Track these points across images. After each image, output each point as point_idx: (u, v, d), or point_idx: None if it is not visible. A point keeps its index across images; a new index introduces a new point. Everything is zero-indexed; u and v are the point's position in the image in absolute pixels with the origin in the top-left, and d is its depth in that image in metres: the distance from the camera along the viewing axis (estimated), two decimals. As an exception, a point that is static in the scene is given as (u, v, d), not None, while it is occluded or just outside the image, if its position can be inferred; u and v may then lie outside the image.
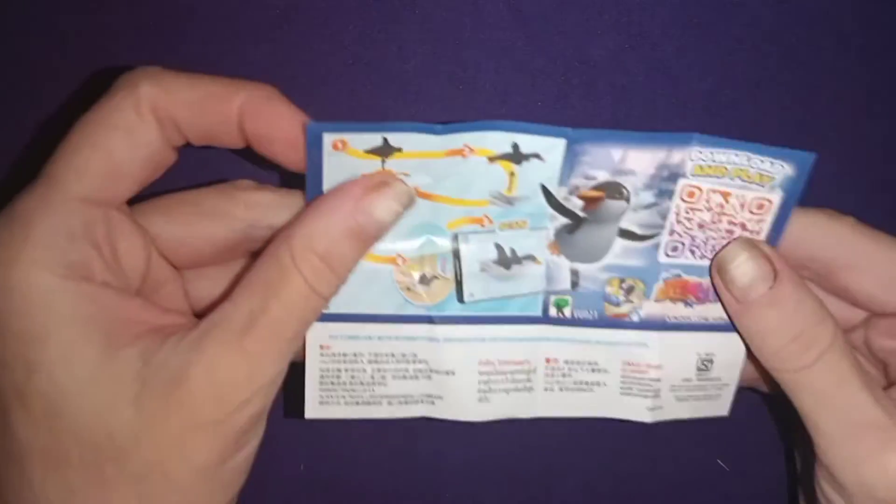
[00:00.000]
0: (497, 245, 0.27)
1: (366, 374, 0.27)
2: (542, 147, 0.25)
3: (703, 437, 0.36)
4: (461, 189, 0.26)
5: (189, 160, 0.26)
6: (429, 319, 0.27)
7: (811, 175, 0.25)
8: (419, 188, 0.26)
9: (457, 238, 0.27)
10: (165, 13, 0.32)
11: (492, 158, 0.25)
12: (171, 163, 0.26)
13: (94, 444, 0.22)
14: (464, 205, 0.26)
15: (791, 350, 0.25)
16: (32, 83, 0.33)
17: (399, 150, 0.25)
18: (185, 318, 0.26)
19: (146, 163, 0.25)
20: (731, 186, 0.26)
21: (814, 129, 0.33)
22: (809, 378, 0.25)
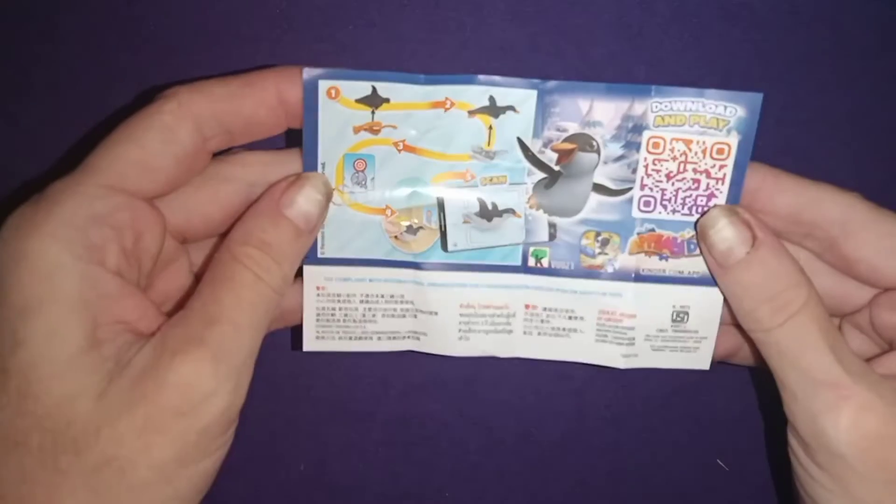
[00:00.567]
0: (479, 199, 0.29)
1: (357, 313, 0.30)
2: (516, 99, 0.28)
3: (703, 437, 0.36)
4: (444, 143, 0.28)
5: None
6: (415, 265, 0.30)
7: (761, 115, 0.27)
8: (406, 141, 0.28)
9: (441, 191, 0.29)
10: (165, 13, 0.33)
11: (471, 112, 0.28)
12: (206, 165, 0.27)
13: (54, 432, 0.23)
14: (447, 159, 0.29)
15: (763, 311, 0.27)
16: (34, 82, 0.33)
17: (387, 101, 0.27)
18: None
19: (179, 161, 0.26)
20: (691, 133, 0.28)
21: (814, 129, 0.33)
22: (777, 338, 0.27)
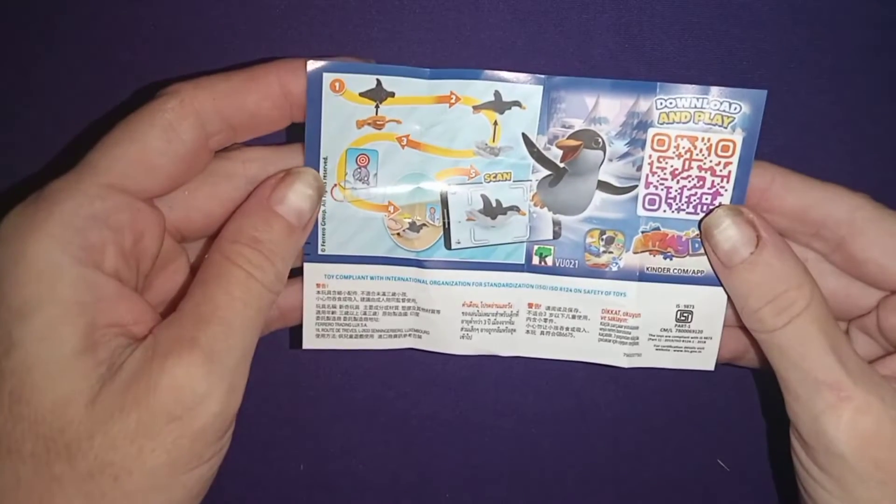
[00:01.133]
0: (483, 196, 0.29)
1: (358, 311, 0.30)
2: (522, 94, 0.28)
3: (703, 437, 0.36)
4: (449, 138, 0.28)
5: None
6: (418, 263, 0.29)
7: (765, 113, 0.27)
8: (410, 136, 0.28)
9: (445, 188, 0.29)
10: (165, 13, 0.33)
11: (476, 107, 0.28)
12: (208, 162, 0.27)
13: (47, 438, 0.22)
14: (451, 155, 0.28)
15: (766, 312, 0.27)
16: (33, 83, 0.33)
17: (391, 95, 0.27)
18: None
19: (181, 159, 0.25)
20: (696, 130, 0.28)
21: (814, 129, 0.33)
22: (780, 339, 0.27)
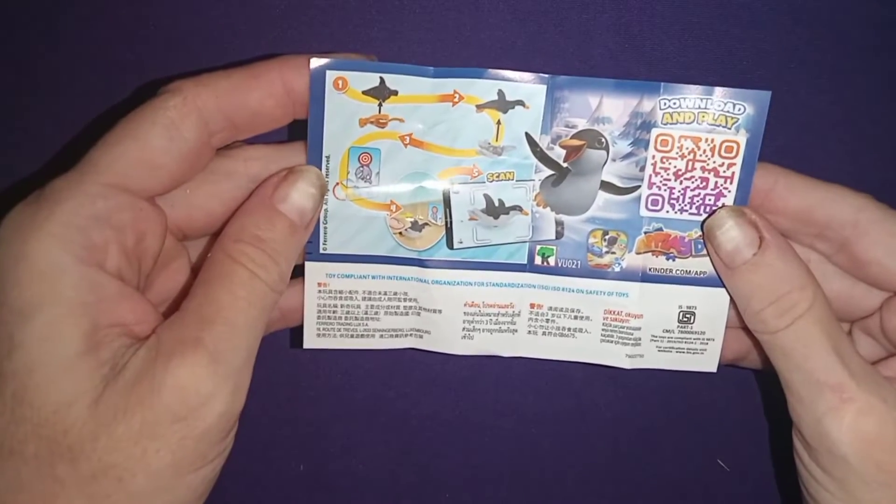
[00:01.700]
0: (486, 195, 0.29)
1: (360, 310, 0.29)
2: (526, 94, 0.27)
3: (704, 437, 0.36)
4: (451, 138, 0.28)
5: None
6: (419, 262, 0.29)
7: (769, 114, 0.27)
8: (413, 135, 0.28)
9: (448, 187, 0.28)
10: (166, 12, 0.32)
11: (479, 106, 0.28)
12: (210, 160, 0.27)
13: (50, 440, 0.22)
14: (454, 154, 0.28)
15: (769, 313, 0.27)
16: (33, 83, 0.33)
17: (395, 94, 0.27)
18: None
19: (183, 158, 0.25)
20: (700, 131, 0.28)
21: (814, 129, 0.33)
22: (783, 340, 0.26)
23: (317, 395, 0.35)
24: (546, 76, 0.27)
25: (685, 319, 0.29)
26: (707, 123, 0.27)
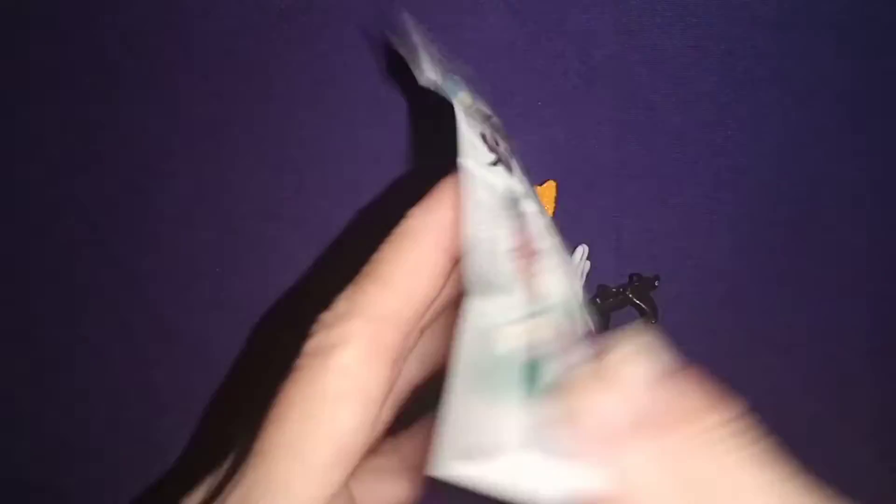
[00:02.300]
0: None
1: None
2: None
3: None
4: None
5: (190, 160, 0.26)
6: None
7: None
8: None
9: None
10: (166, 13, 0.32)
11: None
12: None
13: None
14: None
15: None
16: (33, 82, 0.33)
17: None
18: None
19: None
20: None
21: (814, 130, 0.33)
22: None
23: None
24: None
25: None
26: None
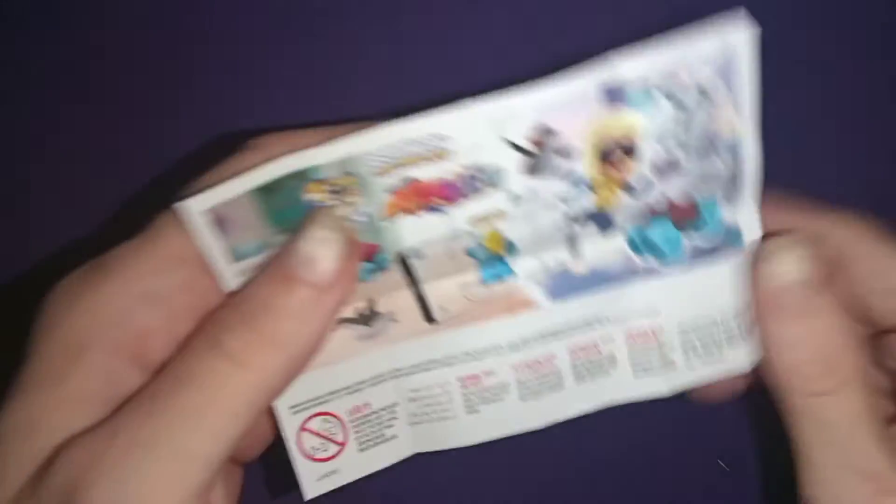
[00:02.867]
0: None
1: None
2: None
3: (703, 438, 0.36)
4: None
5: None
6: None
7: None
8: None
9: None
10: (166, 13, 0.33)
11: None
12: None
13: None
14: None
15: (811, 370, 0.23)
16: (33, 82, 0.33)
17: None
18: None
19: None
20: None
21: (814, 129, 0.33)
22: (820, 407, 0.23)
23: (317, 395, 0.36)
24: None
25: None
26: None
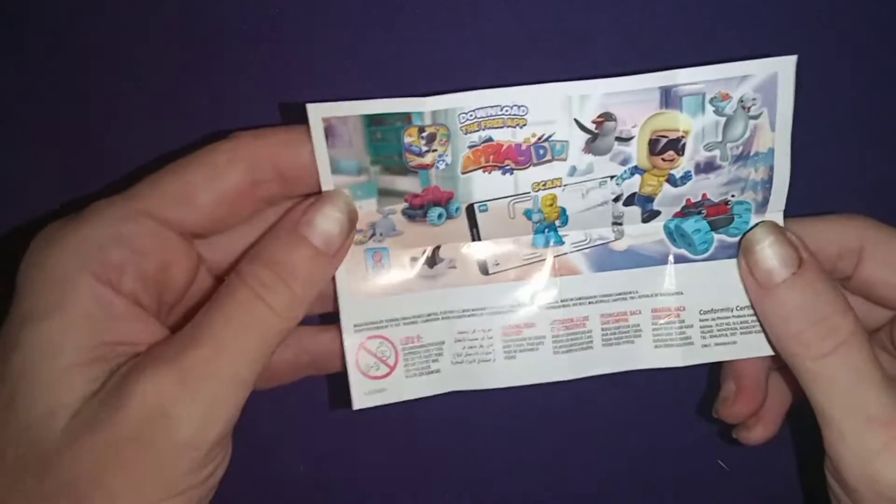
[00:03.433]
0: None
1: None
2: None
3: (703, 437, 0.36)
4: None
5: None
6: None
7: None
8: None
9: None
10: (166, 13, 0.32)
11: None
12: (254, 211, 0.26)
13: (26, 449, 0.22)
14: None
15: (810, 335, 0.25)
16: (33, 83, 0.33)
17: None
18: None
19: (222, 198, 0.25)
20: None
21: (815, 129, 0.33)
22: (826, 367, 0.25)
23: (317, 396, 0.36)
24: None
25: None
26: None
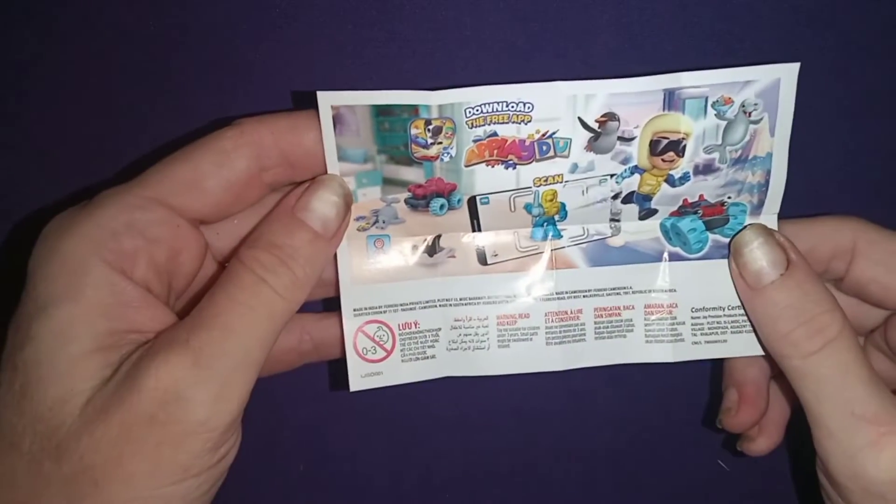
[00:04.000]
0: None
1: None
2: None
3: (703, 437, 0.36)
4: None
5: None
6: None
7: None
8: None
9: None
10: (166, 13, 0.32)
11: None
12: (261, 196, 0.27)
13: (43, 436, 0.22)
14: None
15: (799, 335, 0.26)
16: (33, 83, 0.33)
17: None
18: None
19: (230, 185, 0.25)
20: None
21: (815, 129, 0.33)
22: (814, 365, 0.25)
23: (317, 395, 0.36)
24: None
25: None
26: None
